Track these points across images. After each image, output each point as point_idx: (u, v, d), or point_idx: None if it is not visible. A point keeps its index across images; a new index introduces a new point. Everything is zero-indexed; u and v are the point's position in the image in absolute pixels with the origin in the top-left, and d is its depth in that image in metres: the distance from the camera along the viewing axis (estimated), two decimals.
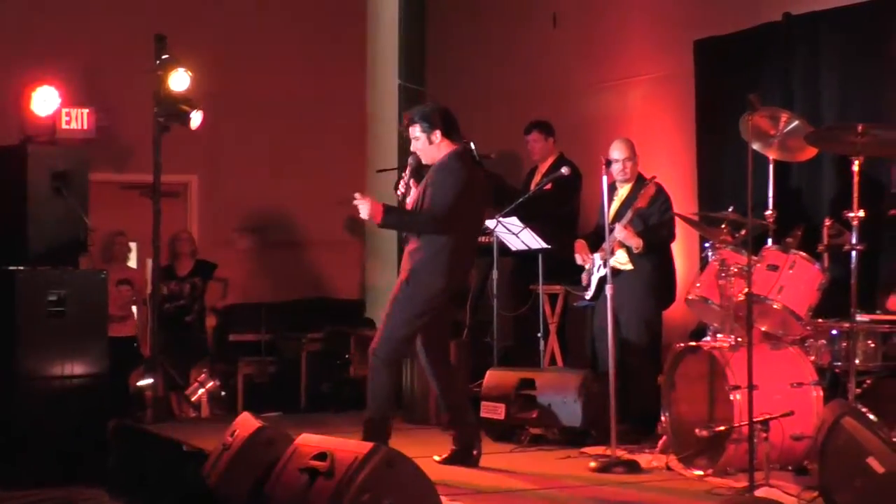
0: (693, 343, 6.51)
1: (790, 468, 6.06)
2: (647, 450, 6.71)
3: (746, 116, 6.29)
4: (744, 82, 7.75)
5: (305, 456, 5.12)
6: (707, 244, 6.64)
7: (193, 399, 9.10)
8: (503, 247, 8.29)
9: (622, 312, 7.20)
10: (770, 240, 6.74)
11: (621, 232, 7.28)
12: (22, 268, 7.91)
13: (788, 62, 7.81)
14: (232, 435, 5.90)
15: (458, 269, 6.53)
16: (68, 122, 9.94)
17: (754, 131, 6.49)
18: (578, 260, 7.69)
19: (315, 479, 4.96)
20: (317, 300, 11.26)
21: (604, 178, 6.68)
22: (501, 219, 8.07)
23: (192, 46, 9.24)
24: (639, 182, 7.49)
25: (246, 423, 5.90)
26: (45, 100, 8.68)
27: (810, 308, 6.30)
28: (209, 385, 9.10)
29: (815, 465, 5.34)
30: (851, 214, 5.88)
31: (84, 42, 10.44)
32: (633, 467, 6.31)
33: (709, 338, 6.49)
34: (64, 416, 7.76)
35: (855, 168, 5.81)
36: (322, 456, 4.99)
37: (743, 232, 6.46)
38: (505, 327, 8.71)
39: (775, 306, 6.24)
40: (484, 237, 8.00)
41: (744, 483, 5.53)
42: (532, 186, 8.86)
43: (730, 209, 6.61)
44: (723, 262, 6.33)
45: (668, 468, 6.31)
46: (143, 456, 7.59)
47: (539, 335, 8.26)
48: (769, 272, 6.29)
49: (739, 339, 6.14)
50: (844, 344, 6.17)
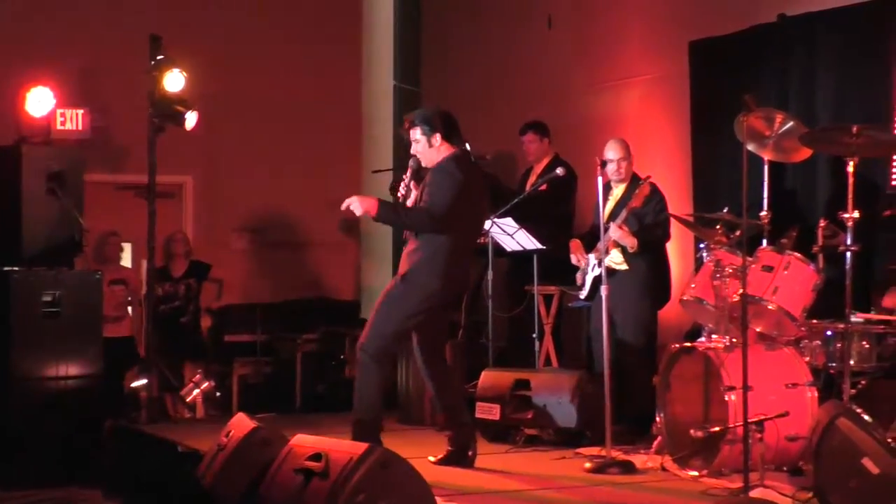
0: (688, 344, 6.50)
1: (785, 469, 6.06)
2: (642, 450, 6.69)
3: (741, 117, 6.30)
4: (739, 83, 7.76)
5: (300, 456, 5.12)
6: (702, 245, 6.64)
7: (188, 400, 9.10)
8: (498, 247, 8.29)
9: (617, 312, 7.19)
10: (765, 241, 6.74)
11: (616, 231, 7.28)
12: (16, 268, 7.88)
13: (783, 63, 7.81)
14: (227, 435, 5.90)
15: (456, 272, 6.48)
16: (63, 123, 9.98)
17: (749, 132, 6.50)
18: (573, 260, 7.69)
19: (310, 480, 4.96)
20: (312, 301, 11.26)
21: (599, 179, 6.68)
22: (496, 219, 8.07)
23: (187, 47, 9.24)
24: (633, 182, 7.48)
25: (241, 424, 5.90)
26: (40, 100, 8.67)
27: (805, 309, 6.30)
28: (204, 386, 9.10)
29: (810, 466, 5.35)
30: (846, 215, 5.88)
31: (79, 43, 10.45)
32: (628, 468, 6.31)
33: (704, 338, 6.48)
34: (59, 417, 7.75)
35: (850, 169, 5.82)
36: (317, 457, 4.99)
37: (738, 233, 6.46)
38: (500, 328, 8.71)
39: (770, 307, 6.24)
40: (479, 238, 8.00)
41: (738, 484, 5.53)
42: (527, 187, 8.86)
43: (725, 210, 6.61)
44: (718, 263, 6.33)
45: (663, 469, 6.30)
46: (139, 457, 7.58)
47: (534, 336, 8.28)
48: (764, 273, 6.29)
49: (734, 340, 6.15)
50: (839, 345, 6.18)
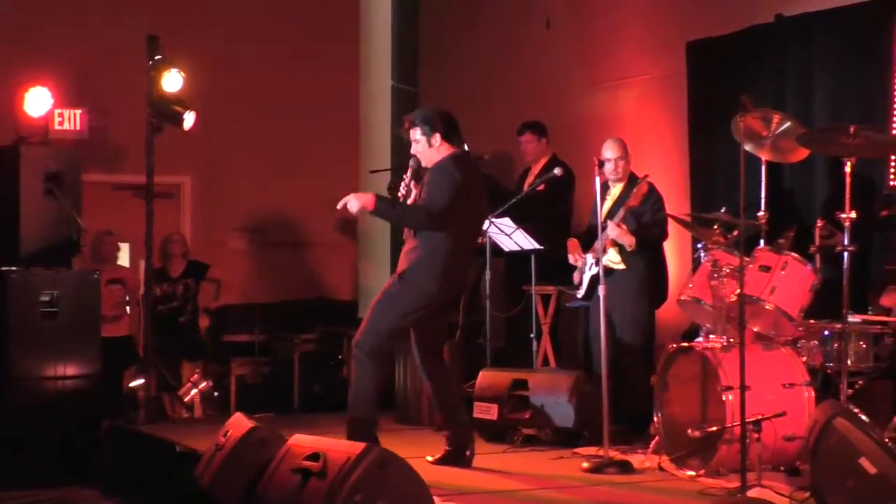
0: (685, 344, 6.51)
1: (782, 469, 6.07)
2: (640, 450, 6.69)
3: (739, 117, 6.30)
4: (736, 83, 7.76)
5: (298, 456, 5.12)
6: (699, 245, 6.65)
7: (186, 399, 9.09)
8: (496, 247, 8.29)
9: (614, 312, 7.19)
10: (762, 241, 6.74)
11: (614, 230, 7.28)
12: (14, 268, 7.89)
13: (781, 63, 7.82)
14: (225, 435, 5.90)
15: (454, 272, 6.46)
16: (61, 123, 9.98)
17: (747, 132, 6.50)
18: (571, 259, 7.70)
19: (308, 480, 4.96)
20: (310, 301, 11.26)
21: (596, 179, 6.68)
22: (494, 219, 8.07)
23: (185, 47, 9.23)
24: (631, 181, 7.49)
25: (239, 424, 5.90)
26: (38, 100, 8.66)
27: (802, 309, 6.30)
28: (202, 385, 9.09)
29: (807, 466, 5.34)
30: (843, 215, 5.89)
31: (77, 43, 10.44)
32: (626, 468, 6.31)
33: (701, 338, 6.49)
34: (57, 417, 7.75)
35: (847, 169, 5.83)
36: (315, 456, 4.99)
37: (735, 233, 6.47)
38: (498, 328, 8.70)
39: (767, 307, 6.24)
40: (478, 238, 8.00)
41: (736, 483, 5.53)
42: (525, 187, 8.86)
43: (722, 210, 6.62)
44: (715, 263, 6.33)
45: (661, 469, 6.30)
46: (137, 456, 7.58)
47: (532, 336, 8.28)
48: (761, 273, 6.29)
49: (731, 340, 6.15)
50: (836, 345, 6.19)
